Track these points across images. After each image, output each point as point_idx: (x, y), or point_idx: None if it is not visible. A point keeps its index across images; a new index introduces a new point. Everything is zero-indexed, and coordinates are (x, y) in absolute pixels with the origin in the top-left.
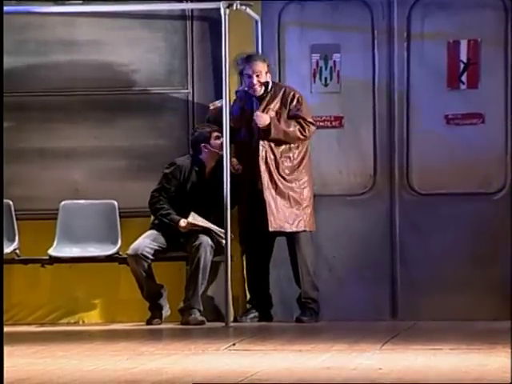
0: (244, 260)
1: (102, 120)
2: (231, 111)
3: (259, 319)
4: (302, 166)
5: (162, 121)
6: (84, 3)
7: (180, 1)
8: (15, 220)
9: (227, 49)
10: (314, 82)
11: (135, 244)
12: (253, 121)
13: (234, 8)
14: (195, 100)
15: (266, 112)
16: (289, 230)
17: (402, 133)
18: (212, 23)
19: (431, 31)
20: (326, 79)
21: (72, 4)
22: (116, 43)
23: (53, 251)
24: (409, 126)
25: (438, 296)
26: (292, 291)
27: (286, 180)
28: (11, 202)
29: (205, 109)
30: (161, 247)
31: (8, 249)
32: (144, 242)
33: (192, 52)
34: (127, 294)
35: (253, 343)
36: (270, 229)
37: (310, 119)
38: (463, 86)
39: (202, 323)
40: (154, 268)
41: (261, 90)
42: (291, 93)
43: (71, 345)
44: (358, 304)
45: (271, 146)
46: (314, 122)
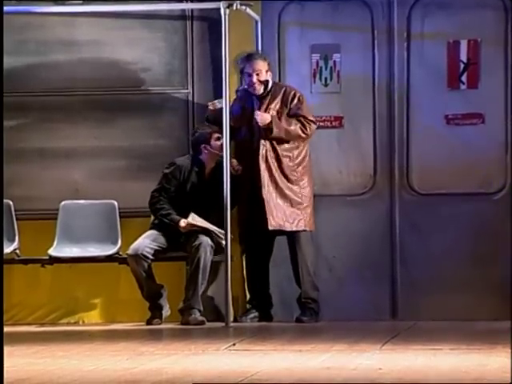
0: (244, 260)
1: (102, 120)
2: (231, 110)
3: (259, 319)
4: (303, 166)
5: (162, 121)
6: (84, 3)
7: (180, 1)
8: (15, 220)
9: (227, 49)
10: (314, 82)
11: (135, 244)
12: (253, 120)
13: (234, 8)
14: (195, 100)
15: (267, 111)
16: (288, 229)
17: (402, 133)
18: (212, 23)
19: (431, 31)
20: (326, 79)
21: (72, 4)
22: (116, 43)
23: (53, 251)
24: (409, 126)
25: (438, 296)
26: (292, 291)
27: (287, 179)
28: (11, 202)
29: (205, 109)
30: (161, 247)
31: (8, 249)
32: (144, 242)
33: (192, 52)
34: (127, 294)
35: (253, 343)
36: (270, 227)
37: (311, 118)
38: (463, 86)
39: (202, 323)
40: (154, 268)
41: (261, 89)
42: (292, 92)
43: (71, 345)
44: (358, 304)
45: (272, 145)
46: (315, 121)
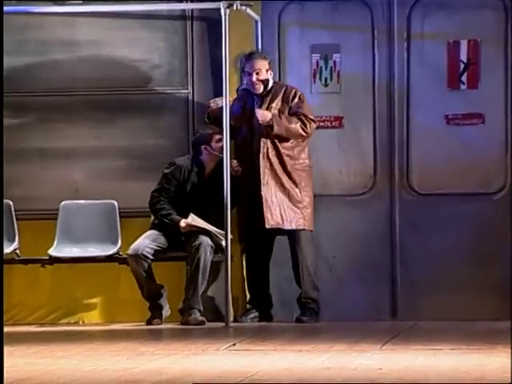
0: (244, 260)
1: (102, 120)
2: (231, 110)
3: (259, 319)
4: (304, 165)
5: (162, 121)
6: (84, 3)
7: (180, 1)
8: (15, 220)
9: (227, 49)
10: (314, 82)
11: (135, 244)
12: (254, 119)
13: (234, 8)
14: (195, 100)
15: (268, 110)
16: (286, 228)
17: (402, 133)
18: (212, 23)
19: (431, 31)
20: (326, 79)
21: (72, 4)
22: (116, 43)
23: (53, 251)
24: (409, 126)
25: (438, 296)
26: (292, 291)
27: (289, 176)
28: (11, 202)
29: (205, 109)
30: (161, 247)
31: (8, 249)
32: (144, 242)
33: (192, 52)
34: (127, 294)
35: (253, 343)
36: (267, 226)
37: (311, 116)
38: (463, 86)
39: (202, 323)
40: (154, 268)
41: (260, 88)
42: (293, 91)
43: (71, 345)
44: (358, 304)
45: (273, 144)
46: (315, 120)
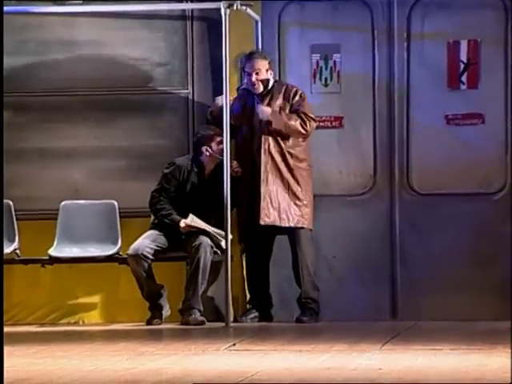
0: (244, 260)
1: (102, 120)
2: (231, 109)
3: (259, 319)
4: (305, 164)
5: (162, 121)
6: (84, 3)
7: (180, 1)
8: (15, 220)
9: (227, 49)
10: (314, 83)
11: (135, 244)
12: (254, 118)
13: (235, 8)
14: (195, 100)
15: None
16: (283, 225)
17: (402, 133)
18: (212, 23)
19: (431, 31)
20: (326, 79)
21: (72, 4)
22: (116, 43)
23: (53, 251)
24: (409, 126)
25: (438, 296)
26: (292, 291)
27: (291, 174)
28: (11, 203)
29: (205, 109)
30: (161, 247)
31: (8, 249)
32: (144, 242)
33: (192, 52)
34: (127, 294)
35: (253, 343)
36: (261, 222)
37: (311, 115)
38: (463, 86)
39: (202, 323)
40: (154, 268)
41: (260, 88)
42: (293, 89)
43: (71, 345)
44: (358, 304)
45: (276, 141)
46: (315, 118)
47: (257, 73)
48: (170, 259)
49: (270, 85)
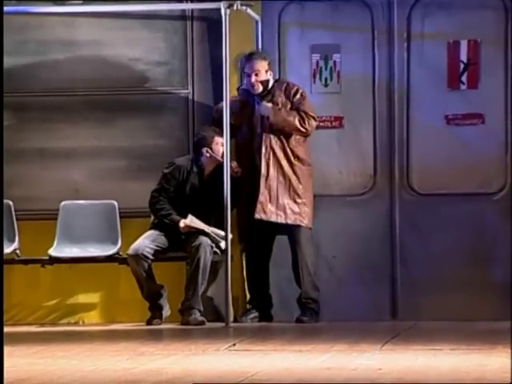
0: (244, 259)
1: (102, 120)
2: (231, 106)
3: (259, 319)
4: (306, 163)
5: (162, 121)
6: (84, 3)
7: (180, 1)
8: (15, 220)
9: (227, 49)
10: (314, 83)
11: (135, 244)
12: (254, 118)
13: (235, 8)
14: (195, 100)
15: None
16: (281, 221)
17: (402, 133)
18: (212, 23)
19: (431, 31)
20: (326, 79)
21: (72, 4)
22: (116, 43)
23: (53, 251)
24: (409, 126)
25: (438, 296)
26: (292, 291)
27: (293, 171)
28: (11, 203)
29: (205, 109)
30: (161, 247)
31: (8, 249)
32: (144, 243)
33: (192, 52)
34: (127, 294)
35: (253, 343)
36: (257, 216)
37: (312, 113)
38: (463, 87)
39: (202, 323)
40: (154, 268)
41: (259, 89)
42: (294, 87)
43: (71, 345)
44: (358, 304)
45: (279, 138)
46: (315, 117)
47: (256, 74)
48: (170, 259)
49: (270, 85)
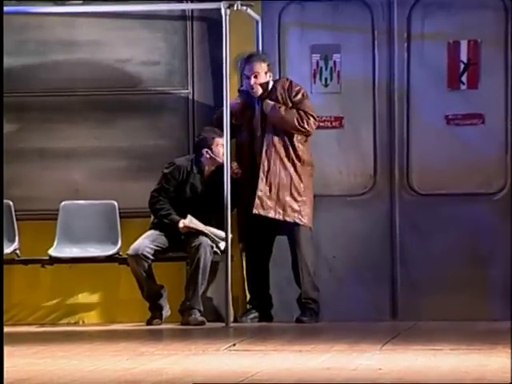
0: (244, 259)
1: (102, 120)
2: (231, 105)
3: (259, 319)
4: (307, 163)
5: (162, 121)
6: (84, 3)
7: (180, 1)
8: (15, 220)
9: (228, 49)
10: (315, 83)
11: (135, 244)
12: (254, 118)
13: (235, 8)
14: (195, 100)
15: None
16: (279, 218)
17: (402, 133)
18: (212, 23)
19: (431, 32)
20: (327, 79)
21: (72, 4)
22: (116, 43)
23: (53, 251)
24: (409, 127)
25: (438, 296)
26: (292, 291)
27: (294, 168)
28: (11, 203)
29: (205, 109)
30: (161, 247)
31: (8, 249)
32: (144, 243)
33: (192, 52)
34: (127, 295)
35: (253, 343)
36: (254, 211)
37: (312, 113)
38: (463, 87)
39: (202, 323)
40: (154, 268)
41: (259, 91)
42: (297, 87)
43: (71, 345)
44: (358, 304)
45: (281, 137)
46: (315, 117)
47: (255, 76)
48: (170, 259)
49: (270, 87)
